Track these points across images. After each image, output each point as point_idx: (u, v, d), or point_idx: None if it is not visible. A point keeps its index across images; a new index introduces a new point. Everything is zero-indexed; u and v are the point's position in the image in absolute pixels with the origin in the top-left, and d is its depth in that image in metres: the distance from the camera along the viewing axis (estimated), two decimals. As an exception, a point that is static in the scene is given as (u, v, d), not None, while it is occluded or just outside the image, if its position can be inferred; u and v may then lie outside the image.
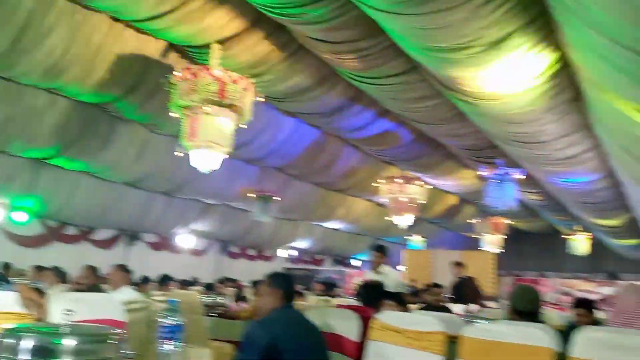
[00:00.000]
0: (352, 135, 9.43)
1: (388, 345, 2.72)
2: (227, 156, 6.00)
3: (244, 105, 5.84)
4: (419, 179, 10.72)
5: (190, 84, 5.67)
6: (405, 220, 10.79)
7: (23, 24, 5.41)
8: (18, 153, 8.01)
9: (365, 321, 2.91)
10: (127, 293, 4.57)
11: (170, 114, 5.93)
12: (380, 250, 5.41)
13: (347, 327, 2.94)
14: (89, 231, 10.90)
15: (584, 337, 2.26)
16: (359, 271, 18.45)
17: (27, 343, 1.41)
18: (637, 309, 2.46)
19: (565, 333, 2.77)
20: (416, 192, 10.50)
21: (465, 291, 7.16)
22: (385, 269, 5.29)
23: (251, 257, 16.01)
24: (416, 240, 16.48)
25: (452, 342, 2.57)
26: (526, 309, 2.94)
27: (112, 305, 2.59)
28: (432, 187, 11.74)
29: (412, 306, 6.60)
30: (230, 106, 5.80)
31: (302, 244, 16.54)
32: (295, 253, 17.20)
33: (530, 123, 5.74)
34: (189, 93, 5.66)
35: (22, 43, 5.59)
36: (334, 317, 3.06)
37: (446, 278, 14.83)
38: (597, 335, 2.33)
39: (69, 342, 1.43)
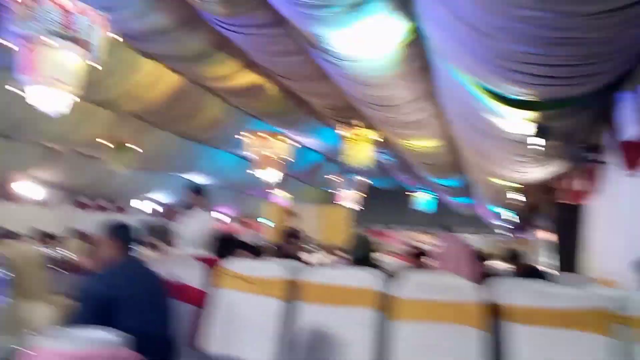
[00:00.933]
0: (216, 84, 9.15)
1: (232, 291, 2.83)
2: (76, 97, 5.47)
3: (94, 41, 5.34)
4: (283, 134, 10.86)
5: (28, 9, 5.01)
6: (269, 175, 10.94)
7: None
8: None
9: (213, 270, 2.97)
10: None
11: (2, 41, 5.21)
12: (197, 192, 5.03)
13: (191, 275, 2.98)
14: None
15: (409, 280, 2.60)
16: (221, 224, 18.44)
17: None
18: (461, 255, 2.93)
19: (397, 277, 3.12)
20: (281, 147, 10.66)
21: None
22: (200, 212, 4.91)
23: (104, 209, 15.04)
24: (281, 195, 16.86)
25: (296, 287, 2.77)
26: (358, 255, 3.30)
27: None
28: (296, 143, 11.98)
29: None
30: (77, 41, 5.26)
31: (161, 196, 15.94)
32: (152, 205, 16.54)
33: (383, 87, 6.10)
34: (25, 19, 5.01)
35: None
36: (179, 266, 3.08)
37: (305, 230, 15.46)
38: (421, 278, 2.70)
39: None
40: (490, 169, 8.39)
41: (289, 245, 5.84)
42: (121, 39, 6.79)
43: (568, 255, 7.85)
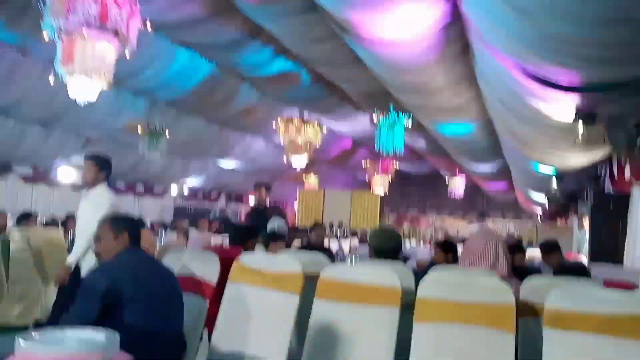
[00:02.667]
0: (251, 73, 9.15)
1: (247, 286, 2.71)
2: (106, 87, 5.53)
3: (129, 32, 5.36)
4: (316, 121, 10.81)
5: (67, 3, 5.07)
6: (300, 161, 10.95)
7: None
8: None
9: (230, 263, 2.86)
10: None
11: (44, 35, 5.29)
12: (94, 159, 4.02)
13: (206, 269, 2.88)
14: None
15: (430, 279, 2.45)
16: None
17: None
18: (484, 251, 2.74)
19: (425, 272, 3.00)
20: (312, 134, 10.63)
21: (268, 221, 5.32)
22: (101, 190, 3.97)
23: (139, 194, 15.38)
24: (311, 180, 16.89)
25: (313, 282, 2.65)
26: (382, 248, 3.15)
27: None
28: (328, 129, 11.93)
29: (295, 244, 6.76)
30: (112, 31, 5.30)
31: (196, 181, 16.19)
32: (187, 190, 16.83)
33: (420, 72, 5.95)
34: (64, 13, 5.07)
35: None
36: (192, 259, 2.98)
37: (336, 216, 15.54)
38: (440, 276, 2.54)
39: None
40: (530, 154, 8.13)
41: (315, 234, 5.73)
42: (156, 29, 6.85)
43: (605, 245, 7.63)
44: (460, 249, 4.93)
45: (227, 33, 7.35)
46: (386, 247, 3.17)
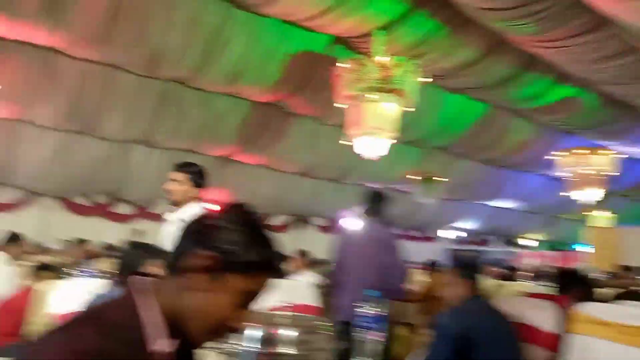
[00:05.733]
0: (524, 105, 8.72)
1: (596, 339, 2.46)
2: (394, 141, 5.98)
3: (409, 88, 5.76)
4: (605, 147, 9.52)
5: (355, 74, 5.75)
6: (588, 195, 9.69)
7: (208, 38, 6.02)
8: (207, 152, 9.01)
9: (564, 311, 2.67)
10: (309, 276, 4.84)
11: (336, 104, 6.08)
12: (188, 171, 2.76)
13: (541, 317, 2.73)
14: (265, 218, 11.88)
15: None
16: (530, 252, 17.20)
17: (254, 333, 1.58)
18: None
19: None
20: (602, 162, 9.34)
21: None
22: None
23: (414, 239, 15.93)
24: (602, 216, 14.75)
25: None
26: None
27: (304, 290, 2.72)
28: (623, 156, 10.33)
29: (602, 291, 5.84)
30: (394, 91, 5.77)
31: (467, 224, 15.98)
32: (459, 234, 16.66)
33: None
34: (354, 83, 5.76)
35: (208, 55, 6.23)
36: (527, 307, 2.87)
37: (638, 257, 13.08)
38: None
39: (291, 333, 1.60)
40: None
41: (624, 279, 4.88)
42: (431, 80, 7.23)
43: None
44: None
45: (499, 71, 7.22)
46: None
